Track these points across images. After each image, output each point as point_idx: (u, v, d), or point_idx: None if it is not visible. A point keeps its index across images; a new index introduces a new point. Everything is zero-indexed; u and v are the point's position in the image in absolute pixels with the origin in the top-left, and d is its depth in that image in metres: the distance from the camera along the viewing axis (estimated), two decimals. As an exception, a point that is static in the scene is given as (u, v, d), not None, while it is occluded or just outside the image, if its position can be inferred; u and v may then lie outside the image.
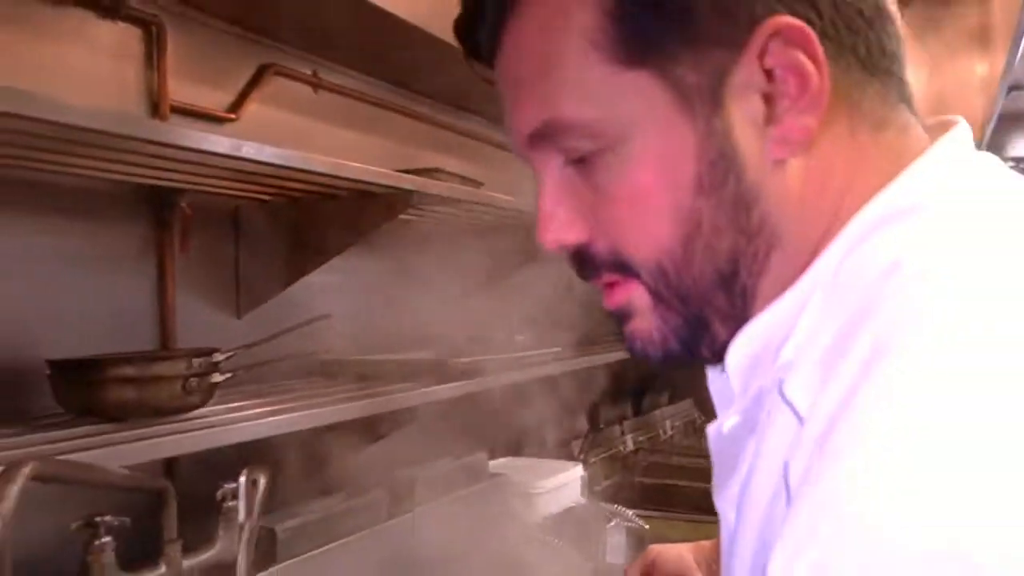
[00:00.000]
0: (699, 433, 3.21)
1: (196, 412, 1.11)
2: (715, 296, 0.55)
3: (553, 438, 2.49)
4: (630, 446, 2.72)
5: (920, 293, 0.45)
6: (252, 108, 1.53)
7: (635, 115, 0.53)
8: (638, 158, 0.54)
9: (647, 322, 0.58)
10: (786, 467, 0.47)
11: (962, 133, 0.56)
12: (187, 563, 1.06)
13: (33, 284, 1.20)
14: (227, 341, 1.28)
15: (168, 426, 1.07)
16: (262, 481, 1.05)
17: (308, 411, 1.23)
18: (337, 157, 1.32)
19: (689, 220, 0.54)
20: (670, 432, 3.08)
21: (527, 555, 1.32)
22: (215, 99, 1.47)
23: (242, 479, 1.05)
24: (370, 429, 1.53)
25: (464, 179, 1.64)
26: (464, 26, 0.62)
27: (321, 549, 1.33)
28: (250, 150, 1.15)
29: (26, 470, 0.71)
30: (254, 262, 1.52)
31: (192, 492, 1.17)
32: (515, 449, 2.19)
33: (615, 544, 1.94)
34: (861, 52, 0.54)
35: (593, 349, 2.30)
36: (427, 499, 1.62)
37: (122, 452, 1.00)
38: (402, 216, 1.52)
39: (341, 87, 1.72)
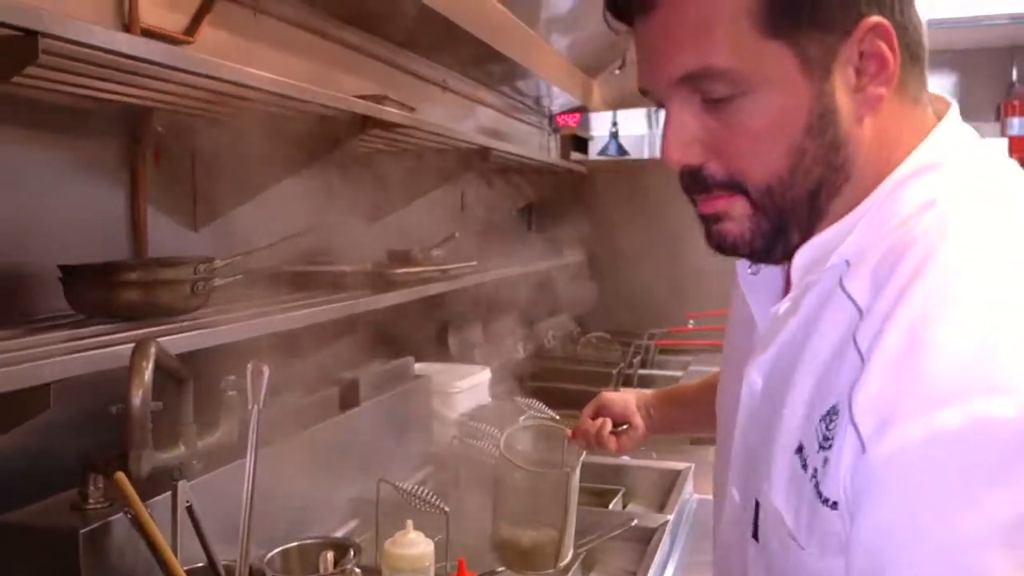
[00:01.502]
0: (575, 344, 3.49)
1: (199, 312, 1.24)
2: (801, 211, 0.75)
3: (455, 346, 2.69)
4: (521, 353, 2.96)
5: (952, 218, 0.69)
6: (205, 31, 1.61)
7: (770, 74, 0.71)
8: (767, 105, 0.72)
9: (740, 226, 0.76)
10: (854, 338, 0.67)
11: (955, 110, 0.79)
12: (200, 444, 1.20)
13: (18, 193, 1.28)
14: (185, 252, 1.39)
15: (177, 324, 1.20)
16: (266, 372, 1.19)
17: (291, 313, 1.37)
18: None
19: (798, 153, 0.73)
20: (552, 343, 3.34)
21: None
22: (176, 21, 1.54)
23: (249, 369, 1.18)
24: (320, 334, 1.68)
25: (403, 105, 1.78)
26: None
27: (283, 440, 1.49)
28: (230, 72, 1.24)
29: (153, 349, 0.84)
30: (209, 181, 1.62)
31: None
32: (430, 355, 2.38)
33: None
34: (912, 47, 0.74)
35: (498, 263, 2.49)
36: (368, 396, 1.79)
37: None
38: (348, 140, 1.65)
39: (280, 14, 1.81)
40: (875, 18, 0.71)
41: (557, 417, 2.11)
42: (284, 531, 1.39)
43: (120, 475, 1.01)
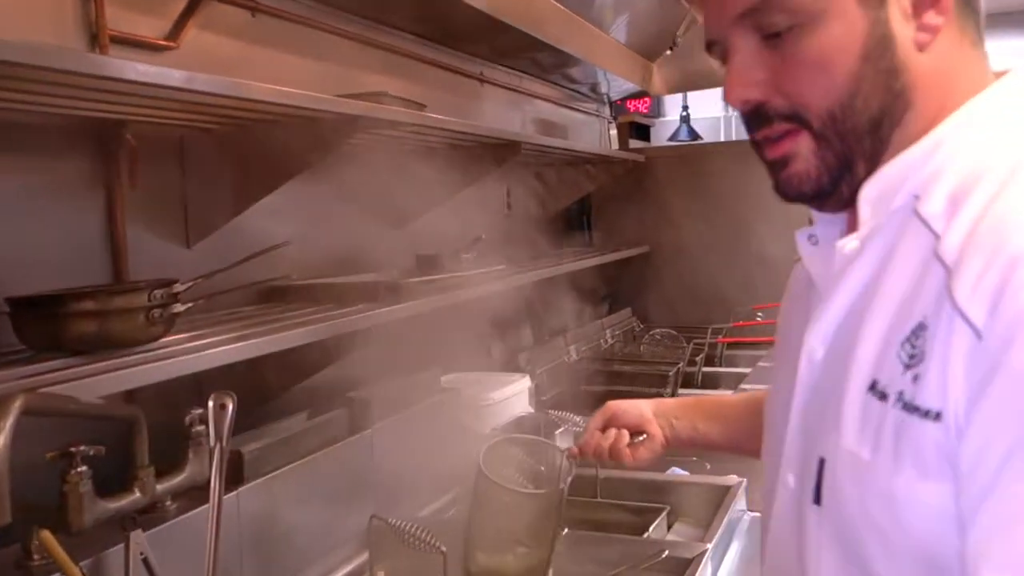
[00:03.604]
0: (638, 341, 3.33)
1: (159, 342, 1.14)
2: (864, 139, 0.76)
3: (500, 352, 2.57)
4: (574, 356, 2.81)
5: None
6: (191, 35, 1.52)
7: (828, 4, 0.74)
8: (825, 34, 0.74)
9: (807, 163, 0.77)
10: (937, 255, 0.68)
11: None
12: (160, 487, 1.10)
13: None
14: (179, 272, 1.30)
15: (133, 357, 1.10)
16: (230, 405, 1.09)
17: (268, 336, 1.26)
18: (278, 84, 1.33)
19: (857, 79, 0.74)
20: (611, 341, 3.18)
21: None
22: (153, 27, 1.45)
23: (211, 404, 1.08)
24: (327, 351, 1.57)
25: (408, 102, 1.65)
26: None
27: (285, 467, 1.38)
28: (199, 82, 1.15)
29: (18, 403, 0.74)
30: (201, 192, 1.53)
31: (156, 420, 1.20)
32: (466, 364, 2.26)
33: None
34: None
35: (536, 264, 2.36)
36: (384, 416, 1.68)
37: (89, 385, 1.02)
38: (350, 141, 1.54)
39: (279, 10, 1.71)
40: None
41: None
42: (280, 572, 1.29)
43: (45, 534, 0.91)
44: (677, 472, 2.01)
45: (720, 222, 3.40)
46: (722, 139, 7.07)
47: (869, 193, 0.77)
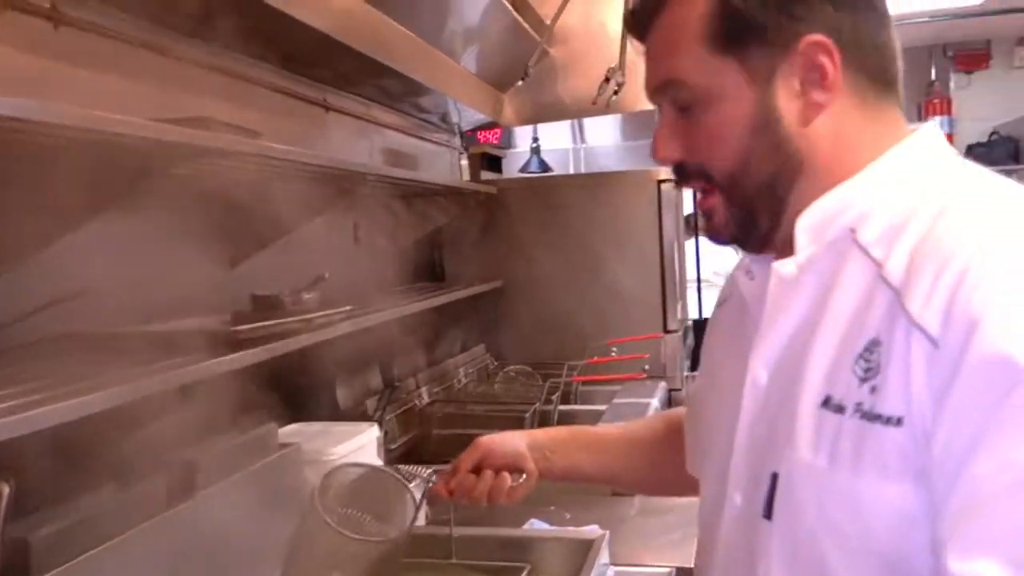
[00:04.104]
0: (492, 379, 3.22)
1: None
2: (762, 198, 0.88)
3: (346, 399, 2.39)
4: (426, 399, 2.67)
5: (958, 179, 0.84)
6: (-22, 47, 1.30)
7: (721, 85, 0.86)
8: (721, 111, 0.87)
9: (721, 216, 0.91)
10: (882, 279, 0.78)
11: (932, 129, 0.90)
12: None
13: None
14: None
15: None
16: (5, 490, 0.89)
17: (68, 402, 1.06)
18: (85, 105, 1.15)
19: (748, 150, 0.87)
20: (464, 381, 3.06)
21: (319, 531, 1.23)
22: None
23: (-19, 491, 0.89)
24: (143, 409, 1.37)
25: (239, 129, 1.49)
26: (634, 17, 0.94)
27: (87, 554, 1.18)
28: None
29: None
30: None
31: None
32: (308, 415, 2.08)
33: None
34: (868, 63, 0.87)
35: (386, 302, 2.21)
36: (212, 481, 1.48)
37: None
38: (170, 171, 1.36)
39: (88, 23, 1.50)
40: (817, 36, 0.84)
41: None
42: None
43: None
44: (536, 524, 1.89)
45: (573, 255, 3.35)
46: (571, 171, 7.14)
47: (804, 223, 0.86)
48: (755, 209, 0.89)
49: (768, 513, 0.83)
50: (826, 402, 0.78)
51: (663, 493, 1.72)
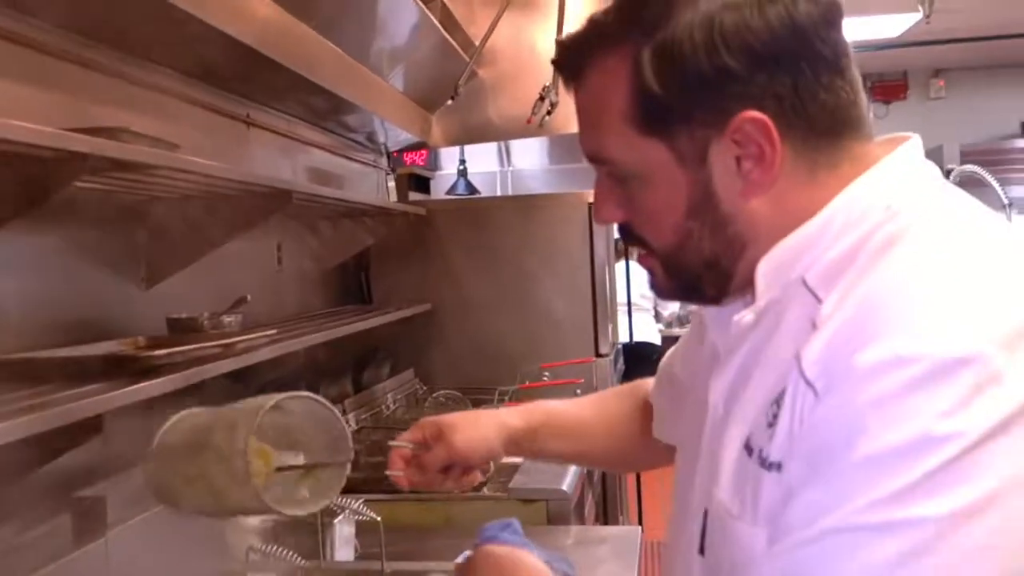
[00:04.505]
0: (421, 405, 3.14)
1: None
2: (704, 274, 0.84)
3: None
4: (353, 426, 2.58)
5: (909, 221, 0.76)
6: None
7: (649, 164, 0.81)
8: (654, 192, 0.82)
9: (660, 281, 0.87)
10: (812, 321, 0.74)
11: (907, 148, 0.83)
12: None
13: None
14: None
15: None
16: None
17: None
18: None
19: (685, 231, 0.82)
20: (393, 407, 2.98)
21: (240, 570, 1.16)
22: None
23: None
24: (46, 442, 1.27)
25: (156, 140, 1.40)
26: (559, 70, 0.89)
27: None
28: None
29: None
30: None
31: None
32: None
33: (344, 538, 1.80)
34: (817, 122, 0.79)
35: (311, 326, 2.13)
36: (124, 518, 1.38)
37: None
38: (78, 184, 1.26)
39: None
40: (751, 113, 0.76)
41: (378, 518, 1.77)
42: None
43: None
44: (471, 555, 1.83)
45: (504, 278, 3.30)
46: (499, 193, 7.12)
47: (763, 268, 0.81)
48: (698, 281, 0.85)
49: (702, 549, 0.82)
50: (747, 443, 0.76)
51: (635, 470, 1.75)
